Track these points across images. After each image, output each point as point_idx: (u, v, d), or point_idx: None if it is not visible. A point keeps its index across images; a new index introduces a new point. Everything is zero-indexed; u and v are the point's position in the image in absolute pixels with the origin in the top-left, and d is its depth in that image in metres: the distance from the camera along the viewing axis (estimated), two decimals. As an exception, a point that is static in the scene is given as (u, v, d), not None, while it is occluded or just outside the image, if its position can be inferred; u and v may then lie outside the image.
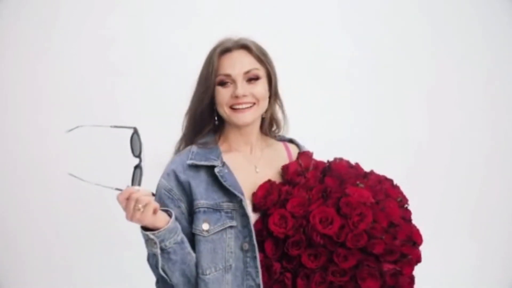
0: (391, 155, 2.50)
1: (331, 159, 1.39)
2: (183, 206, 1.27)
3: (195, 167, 1.28)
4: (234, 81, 1.29)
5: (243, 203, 1.24)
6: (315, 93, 2.42)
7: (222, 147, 1.35)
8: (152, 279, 1.29)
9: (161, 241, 1.15)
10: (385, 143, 2.51)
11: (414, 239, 1.27)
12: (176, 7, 2.36)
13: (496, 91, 2.59)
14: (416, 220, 1.46)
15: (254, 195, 1.28)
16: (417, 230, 1.29)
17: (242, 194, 1.25)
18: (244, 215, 1.24)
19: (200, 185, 1.27)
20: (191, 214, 1.26)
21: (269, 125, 1.42)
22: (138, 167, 1.15)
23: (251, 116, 1.30)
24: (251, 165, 1.36)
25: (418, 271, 1.34)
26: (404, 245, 1.22)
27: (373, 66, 2.51)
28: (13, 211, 2.34)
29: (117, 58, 2.33)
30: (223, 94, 1.29)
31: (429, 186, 2.55)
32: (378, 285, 1.17)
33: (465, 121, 2.58)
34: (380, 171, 1.38)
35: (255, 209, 1.28)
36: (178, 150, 1.39)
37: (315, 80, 2.44)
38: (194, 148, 1.32)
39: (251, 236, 1.23)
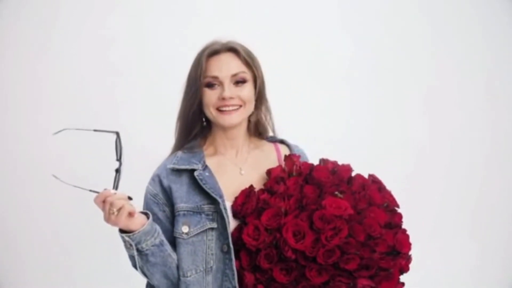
0: (391, 155, 2.51)
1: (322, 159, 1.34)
2: (168, 210, 1.31)
3: (177, 172, 1.31)
4: (221, 83, 1.30)
5: (221, 205, 1.25)
6: (315, 93, 2.43)
7: (207, 151, 1.37)
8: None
9: (137, 243, 1.20)
10: (385, 143, 2.52)
11: (398, 248, 1.20)
12: (176, 7, 2.37)
13: (496, 91, 2.56)
14: (416, 220, 1.43)
15: (234, 201, 1.27)
16: (404, 238, 1.22)
17: (221, 197, 1.26)
18: (223, 218, 1.25)
19: (180, 189, 1.30)
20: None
21: (254, 128, 1.41)
22: (117, 170, 1.21)
23: (237, 118, 1.32)
24: (236, 168, 1.35)
25: (418, 271, 1.33)
26: (383, 258, 1.16)
27: (373, 66, 2.51)
28: (13, 211, 2.43)
29: (117, 58, 2.36)
30: (210, 96, 1.30)
31: (429, 186, 2.57)
32: (352, 301, 1.14)
33: (465, 121, 2.57)
34: (380, 171, 1.35)
35: (235, 214, 1.28)
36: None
37: (315, 80, 2.44)
38: (179, 153, 1.34)
39: (228, 239, 1.24)
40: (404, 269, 1.23)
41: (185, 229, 1.26)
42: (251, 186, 1.28)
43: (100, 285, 2.41)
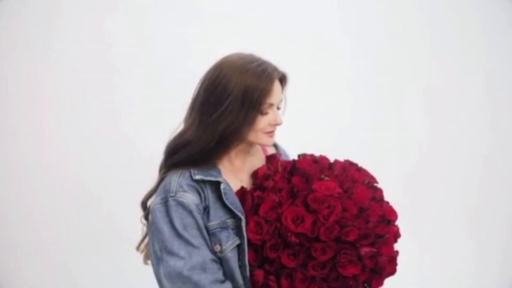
0: (391, 155, 2.51)
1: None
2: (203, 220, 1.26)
3: (202, 183, 1.26)
4: (272, 111, 1.30)
5: (242, 222, 1.25)
6: (315, 94, 2.43)
7: (221, 166, 1.33)
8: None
9: None
10: (385, 143, 2.53)
11: (388, 217, 1.31)
12: (177, 9, 2.35)
13: (495, 91, 2.59)
14: (415, 220, 1.49)
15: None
16: (390, 208, 1.33)
17: (242, 213, 1.26)
18: (241, 235, 1.26)
19: (208, 205, 1.26)
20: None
21: None
22: None
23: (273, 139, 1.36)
24: (237, 179, 1.36)
25: (418, 271, 1.38)
26: (377, 226, 1.26)
27: (373, 66, 2.52)
28: (13, 211, 2.38)
29: (117, 59, 2.34)
30: (263, 121, 1.28)
31: (429, 186, 2.56)
32: (359, 270, 1.22)
33: (465, 121, 2.58)
34: (379, 171, 1.42)
35: None
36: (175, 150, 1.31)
37: (315, 80, 2.44)
38: (192, 169, 1.27)
39: (244, 256, 1.25)
40: (397, 235, 1.32)
41: (217, 248, 1.24)
42: (242, 187, 1.33)
43: (99, 285, 2.36)
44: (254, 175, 1.38)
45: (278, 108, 1.33)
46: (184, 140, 1.28)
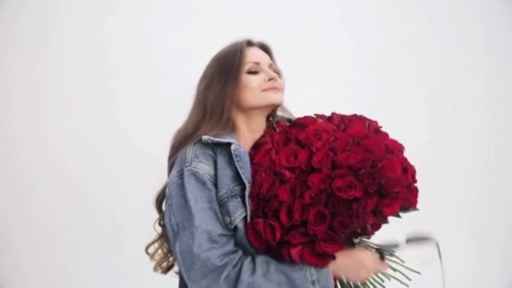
0: None
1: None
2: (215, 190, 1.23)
3: (213, 148, 1.25)
4: (262, 70, 1.33)
5: (246, 191, 1.21)
6: (315, 93, 2.40)
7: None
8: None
9: None
10: None
11: (391, 147, 1.23)
12: (174, 9, 2.44)
13: (496, 91, 2.59)
14: (416, 220, 1.43)
15: None
16: (394, 140, 1.27)
17: (249, 181, 1.22)
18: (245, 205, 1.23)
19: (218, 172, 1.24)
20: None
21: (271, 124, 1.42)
22: None
23: (282, 97, 1.34)
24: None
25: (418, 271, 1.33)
26: (377, 151, 1.19)
27: (373, 67, 2.53)
28: (13, 211, 2.37)
29: (115, 59, 2.39)
30: (256, 79, 1.31)
31: (429, 186, 2.44)
32: (360, 192, 1.12)
33: (465, 122, 2.58)
34: None
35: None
36: (182, 136, 1.33)
37: (315, 80, 2.45)
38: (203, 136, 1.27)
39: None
40: (405, 163, 1.23)
41: (227, 219, 1.21)
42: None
43: (99, 285, 2.24)
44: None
45: (277, 73, 1.35)
46: (183, 126, 1.35)
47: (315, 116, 1.39)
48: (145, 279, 1.39)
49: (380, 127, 1.34)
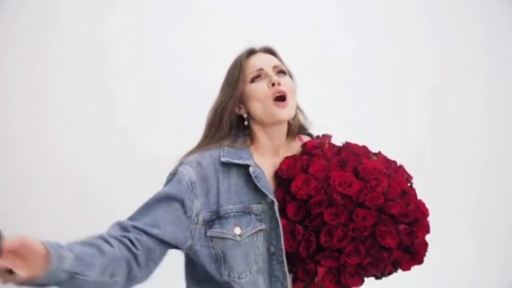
0: (391, 155, 2.49)
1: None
2: (196, 204, 1.24)
3: (227, 166, 1.28)
4: (266, 75, 1.33)
5: (275, 206, 1.27)
6: (316, 93, 2.39)
7: (253, 151, 1.35)
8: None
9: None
10: (386, 143, 2.45)
11: (422, 210, 1.36)
12: (175, 10, 2.41)
13: (496, 90, 2.64)
14: None
15: (278, 168, 1.35)
16: (423, 203, 1.39)
17: (274, 197, 1.28)
18: (273, 218, 1.28)
19: (228, 190, 1.28)
20: (198, 215, 1.24)
21: (293, 130, 1.44)
22: None
23: (291, 110, 1.34)
24: (269, 162, 1.37)
25: (418, 271, 1.38)
26: (416, 210, 1.31)
27: (374, 66, 2.57)
28: (12, 211, 2.31)
29: (115, 59, 2.37)
30: (259, 87, 1.32)
31: (429, 186, 2.51)
32: (396, 243, 1.24)
33: (465, 121, 2.62)
34: None
35: (280, 179, 1.33)
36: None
37: (316, 80, 2.45)
38: (224, 146, 1.31)
39: (278, 240, 1.27)
40: (428, 229, 1.37)
41: (237, 230, 1.25)
42: (294, 155, 1.37)
43: None
44: (303, 146, 1.43)
45: (281, 72, 1.36)
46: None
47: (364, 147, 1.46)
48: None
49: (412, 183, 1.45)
